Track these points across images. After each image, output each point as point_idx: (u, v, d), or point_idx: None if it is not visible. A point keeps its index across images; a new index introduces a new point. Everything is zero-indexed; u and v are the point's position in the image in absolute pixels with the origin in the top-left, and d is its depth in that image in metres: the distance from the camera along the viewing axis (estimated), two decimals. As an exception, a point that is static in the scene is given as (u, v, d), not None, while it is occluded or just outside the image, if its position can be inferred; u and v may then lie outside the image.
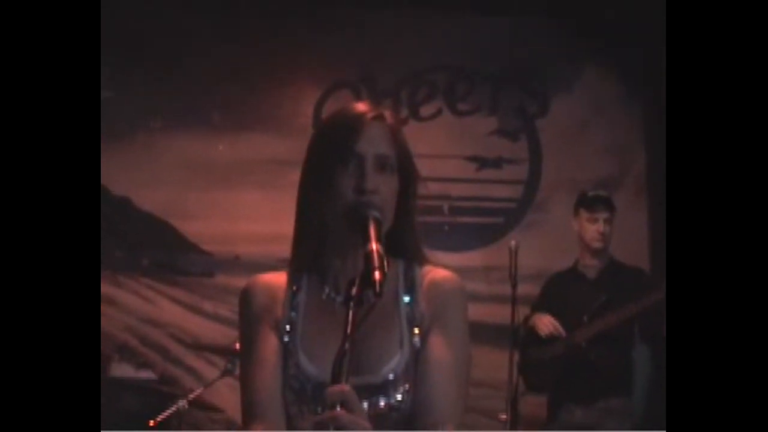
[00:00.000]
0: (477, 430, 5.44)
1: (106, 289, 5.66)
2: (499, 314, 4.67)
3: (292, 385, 1.73)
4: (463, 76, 6.08)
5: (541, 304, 4.72)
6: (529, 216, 5.99)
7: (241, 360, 1.82)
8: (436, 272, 1.84)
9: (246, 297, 1.84)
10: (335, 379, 1.49)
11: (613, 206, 4.66)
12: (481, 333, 5.54)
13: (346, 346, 1.51)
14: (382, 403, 1.71)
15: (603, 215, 4.59)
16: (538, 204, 6.01)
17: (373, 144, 1.76)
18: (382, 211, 1.73)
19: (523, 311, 4.66)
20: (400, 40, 6.03)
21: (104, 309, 5.45)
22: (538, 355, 4.58)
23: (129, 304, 5.79)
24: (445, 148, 6.01)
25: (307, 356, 1.74)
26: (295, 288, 1.81)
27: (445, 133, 6.07)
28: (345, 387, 1.48)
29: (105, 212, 5.81)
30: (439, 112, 6.08)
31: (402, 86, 6.09)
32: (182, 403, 4.22)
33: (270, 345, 1.77)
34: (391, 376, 1.72)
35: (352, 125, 1.78)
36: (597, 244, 4.60)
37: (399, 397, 1.72)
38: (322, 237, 1.80)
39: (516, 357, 4.44)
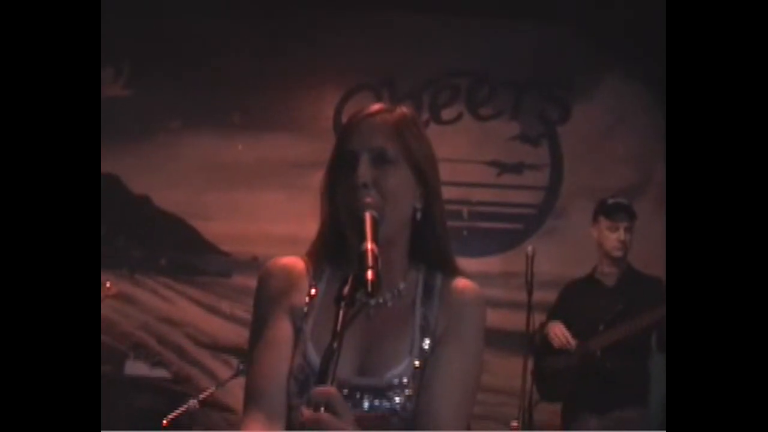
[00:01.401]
0: (490, 437, 5.42)
1: (123, 287, 5.69)
2: (518, 321, 4.62)
3: (297, 376, 1.69)
4: (486, 80, 6.06)
5: (557, 312, 4.67)
6: (549, 222, 5.96)
7: (251, 342, 1.78)
8: (457, 282, 1.80)
9: (264, 278, 1.80)
10: (321, 379, 1.46)
11: (634, 214, 4.61)
12: (498, 340, 5.52)
13: (334, 345, 1.47)
14: (383, 407, 1.68)
15: (623, 223, 4.54)
16: (558, 210, 5.97)
17: (367, 139, 1.73)
18: (381, 207, 1.69)
19: (540, 318, 4.63)
20: (423, 44, 6.01)
21: (121, 307, 5.49)
22: (552, 363, 4.54)
23: (146, 302, 5.82)
24: (465, 153, 5.98)
25: (315, 347, 1.70)
26: (315, 277, 1.78)
27: (466, 138, 6.04)
28: (330, 389, 1.45)
29: (125, 211, 5.87)
30: (460, 116, 6.06)
31: (424, 89, 6.08)
32: (193, 402, 4.22)
33: (282, 330, 1.74)
34: (396, 381, 1.69)
35: (348, 124, 1.78)
36: (617, 253, 4.55)
37: (401, 402, 1.69)
38: (341, 235, 1.77)
39: (530, 365, 4.39)
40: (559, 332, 4.50)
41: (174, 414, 4.26)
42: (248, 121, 5.99)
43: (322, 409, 1.43)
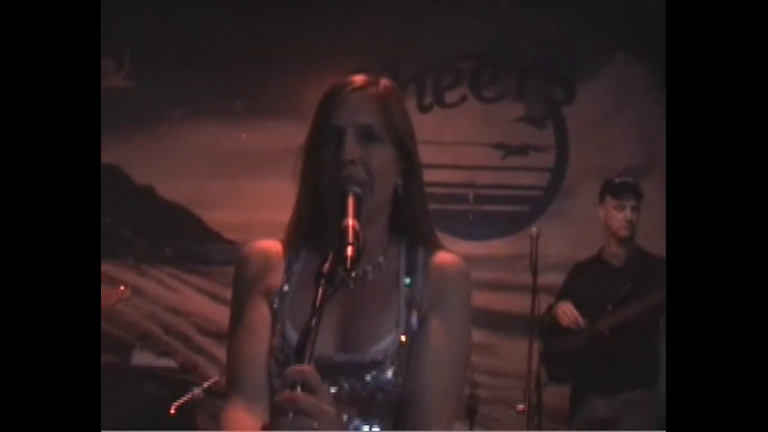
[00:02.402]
0: (499, 420, 5.41)
1: (129, 278, 5.70)
2: (526, 304, 4.58)
3: (278, 357, 1.66)
4: (489, 62, 6.01)
5: (565, 293, 4.65)
6: (556, 204, 5.92)
7: (230, 327, 1.75)
8: (441, 256, 1.76)
9: (242, 262, 1.77)
10: (298, 357, 1.42)
11: (640, 193, 4.56)
12: (506, 323, 5.51)
13: (312, 322, 1.44)
14: (367, 384, 1.64)
15: (630, 202, 4.50)
16: (565, 192, 5.92)
17: (352, 114, 1.69)
18: (368, 184, 1.67)
19: (548, 300, 4.60)
20: (425, 27, 5.98)
21: (128, 298, 5.47)
22: (560, 344, 4.51)
23: (152, 292, 5.83)
24: (470, 136, 5.96)
25: (293, 327, 1.66)
26: (292, 258, 1.75)
27: (471, 121, 6.01)
28: (305, 367, 1.41)
29: (129, 202, 5.87)
30: (464, 98, 6.02)
31: (427, 73, 6.04)
32: (198, 390, 4.22)
33: (260, 313, 1.71)
34: (380, 357, 1.65)
35: (330, 97, 1.72)
36: (624, 232, 4.51)
37: (386, 378, 1.65)
38: (317, 212, 1.74)
39: (536, 347, 4.37)
40: (567, 311, 4.48)
41: (179, 402, 4.27)
42: (250, 109, 5.97)
43: (298, 388, 1.39)
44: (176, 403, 4.27)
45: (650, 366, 4.43)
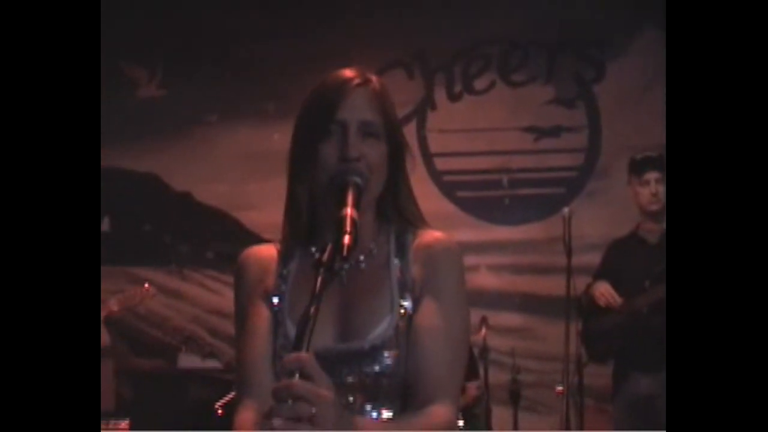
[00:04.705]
0: (544, 404, 5.40)
1: (173, 283, 5.79)
2: (564, 286, 4.59)
3: (281, 354, 1.69)
4: (517, 46, 6.00)
5: (602, 272, 4.62)
6: (591, 184, 5.89)
7: (235, 332, 1.80)
8: (427, 234, 1.78)
9: (239, 269, 1.82)
10: (296, 346, 1.45)
11: (664, 165, 4.52)
12: (546, 306, 5.50)
13: (311, 311, 1.46)
14: (370, 370, 1.67)
15: (653, 175, 4.46)
16: (600, 171, 5.89)
17: (356, 110, 1.73)
18: (368, 178, 1.70)
19: (587, 281, 4.59)
20: (451, 15, 5.98)
21: (171, 302, 5.58)
22: (599, 324, 4.49)
23: (195, 296, 5.92)
24: (501, 121, 5.95)
25: (294, 325, 1.69)
26: (286, 259, 1.79)
27: (501, 106, 6.00)
28: (303, 355, 1.43)
29: (168, 209, 5.97)
30: (493, 84, 6.02)
31: (455, 61, 6.05)
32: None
33: (261, 316, 1.75)
34: (379, 342, 1.68)
35: (334, 92, 1.74)
36: (653, 207, 4.48)
37: (388, 362, 1.67)
38: (313, 209, 1.78)
39: (573, 328, 4.36)
40: (604, 291, 4.46)
41: (225, 399, 4.34)
42: (282, 110, 6.01)
43: (297, 375, 1.42)
44: (222, 401, 4.33)
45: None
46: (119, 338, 5.00)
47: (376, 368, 1.67)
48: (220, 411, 4.50)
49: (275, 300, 1.75)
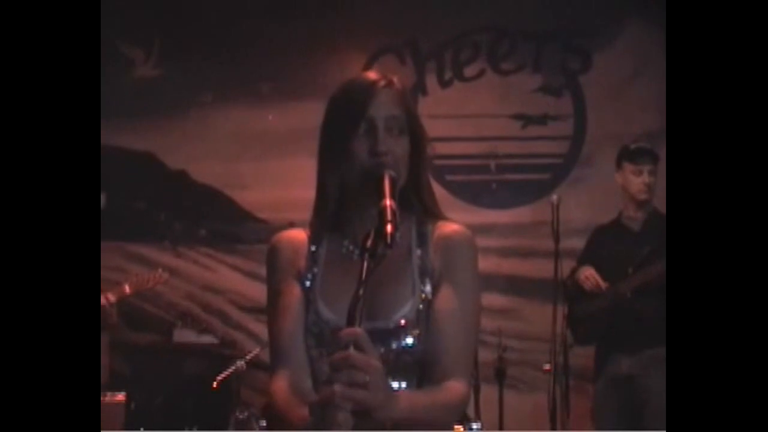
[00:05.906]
0: (527, 382, 5.56)
1: (167, 260, 5.90)
2: (550, 269, 4.73)
3: (313, 330, 1.87)
4: (506, 35, 6.13)
5: (586, 257, 4.76)
6: (576, 171, 6.05)
7: (268, 309, 1.97)
8: (447, 226, 1.95)
9: (272, 251, 1.98)
10: (350, 322, 1.62)
11: (657, 157, 4.65)
12: (532, 288, 5.66)
13: (360, 292, 1.63)
14: (394, 347, 1.84)
15: (647, 167, 4.59)
16: (584, 159, 6.06)
17: (383, 108, 1.89)
18: (396, 170, 1.86)
19: (572, 265, 4.74)
20: (442, 4, 6.11)
21: (166, 279, 5.65)
22: (584, 307, 4.63)
23: (190, 273, 6.03)
24: (490, 108, 6.09)
25: (326, 304, 1.87)
26: (315, 243, 1.95)
27: (490, 93, 6.14)
28: (357, 329, 1.61)
29: (163, 186, 6.06)
30: (482, 72, 6.15)
31: (445, 48, 6.18)
32: (240, 363, 4.39)
33: (293, 295, 1.91)
34: (402, 322, 1.85)
35: (365, 92, 1.91)
36: (643, 196, 4.60)
37: (410, 341, 1.84)
38: (341, 197, 1.94)
39: (560, 310, 4.50)
40: (589, 275, 4.58)
41: (223, 375, 4.45)
42: (276, 91, 6.13)
43: (351, 348, 1.59)
44: (220, 377, 4.43)
45: (671, 323, 4.54)
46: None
47: (400, 345, 1.85)
48: (215, 384, 4.60)
49: (307, 281, 1.91)
